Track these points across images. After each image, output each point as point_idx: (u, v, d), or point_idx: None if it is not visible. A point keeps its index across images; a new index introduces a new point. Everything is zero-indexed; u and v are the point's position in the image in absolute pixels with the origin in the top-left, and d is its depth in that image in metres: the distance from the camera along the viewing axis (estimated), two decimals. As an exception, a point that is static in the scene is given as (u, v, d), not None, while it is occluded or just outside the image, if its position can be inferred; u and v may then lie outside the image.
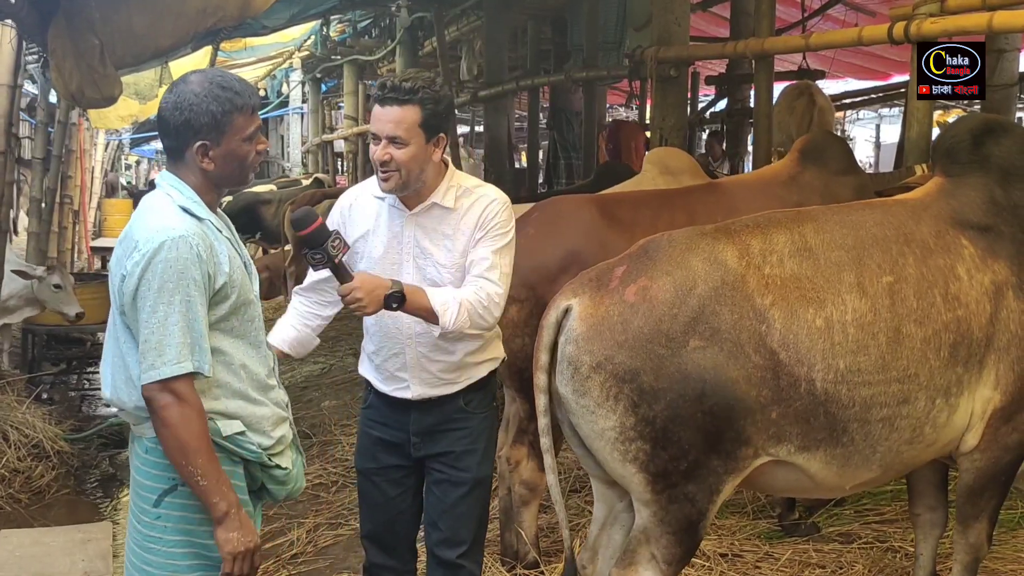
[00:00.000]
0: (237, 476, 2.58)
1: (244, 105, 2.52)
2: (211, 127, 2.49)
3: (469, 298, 2.93)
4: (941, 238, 3.09)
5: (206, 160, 2.53)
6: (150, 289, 2.40)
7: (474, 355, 3.10)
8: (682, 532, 2.91)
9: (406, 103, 2.88)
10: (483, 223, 3.00)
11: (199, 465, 2.41)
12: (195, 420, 2.42)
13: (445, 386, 3.09)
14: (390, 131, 2.89)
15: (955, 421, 3.02)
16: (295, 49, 14.42)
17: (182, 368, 2.40)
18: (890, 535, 4.23)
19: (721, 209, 3.92)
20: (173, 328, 2.39)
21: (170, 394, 2.40)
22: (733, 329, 2.83)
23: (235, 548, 2.45)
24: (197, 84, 2.52)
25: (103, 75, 5.33)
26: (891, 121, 22.35)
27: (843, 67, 13.32)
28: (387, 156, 2.91)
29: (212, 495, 2.43)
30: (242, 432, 2.57)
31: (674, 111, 7.22)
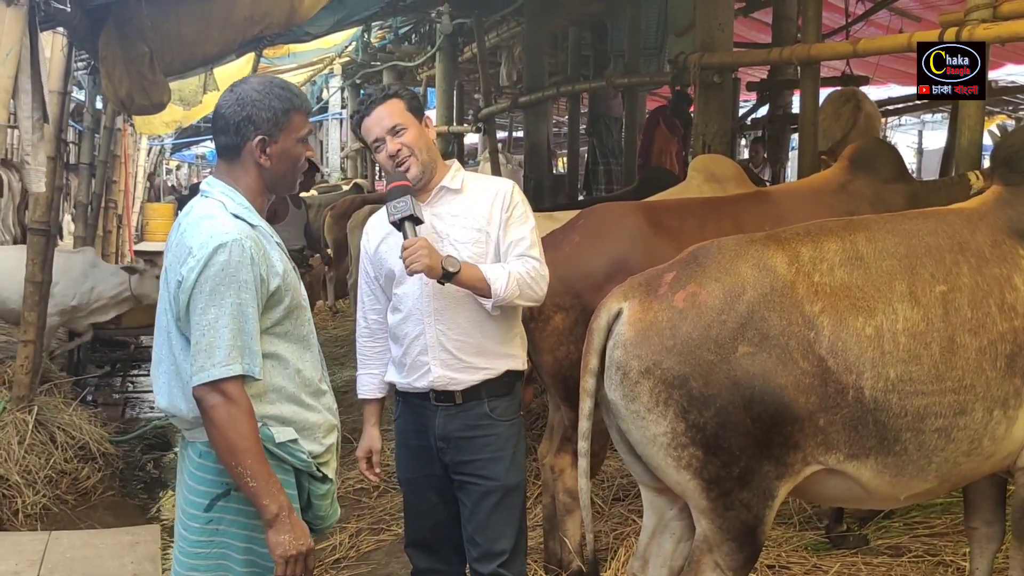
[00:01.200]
0: (289, 485, 2.59)
1: (302, 105, 2.62)
2: (272, 123, 2.56)
3: (518, 270, 3.10)
4: (998, 247, 3.04)
5: (264, 156, 2.57)
6: (202, 292, 2.44)
7: (493, 341, 3.16)
8: (742, 538, 2.91)
9: (386, 100, 3.13)
10: (507, 205, 3.17)
11: (248, 466, 2.42)
12: (244, 421, 2.43)
13: (465, 371, 3.14)
14: (388, 123, 3.10)
15: (1014, 434, 2.97)
16: (336, 55, 14.52)
17: (231, 370, 2.41)
18: (941, 548, 4.16)
19: (769, 218, 3.89)
20: (223, 330, 2.42)
21: (220, 395, 2.42)
22: (782, 335, 2.82)
23: (287, 551, 2.45)
24: (258, 83, 2.60)
25: (152, 82, 5.40)
26: (933, 127, 22.10)
27: (886, 73, 13.17)
28: (398, 145, 3.09)
29: (262, 496, 2.43)
30: (294, 440, 2.58)
31: (717, 117, 7.16)
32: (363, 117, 3.15)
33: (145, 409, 8.88)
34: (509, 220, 3.16)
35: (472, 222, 3.15)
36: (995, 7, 4.79)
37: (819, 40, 6.24)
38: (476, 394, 3.17)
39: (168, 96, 5.64)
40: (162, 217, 20.68)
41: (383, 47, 14.91)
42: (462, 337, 3.13)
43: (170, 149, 28.30)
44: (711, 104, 7.13)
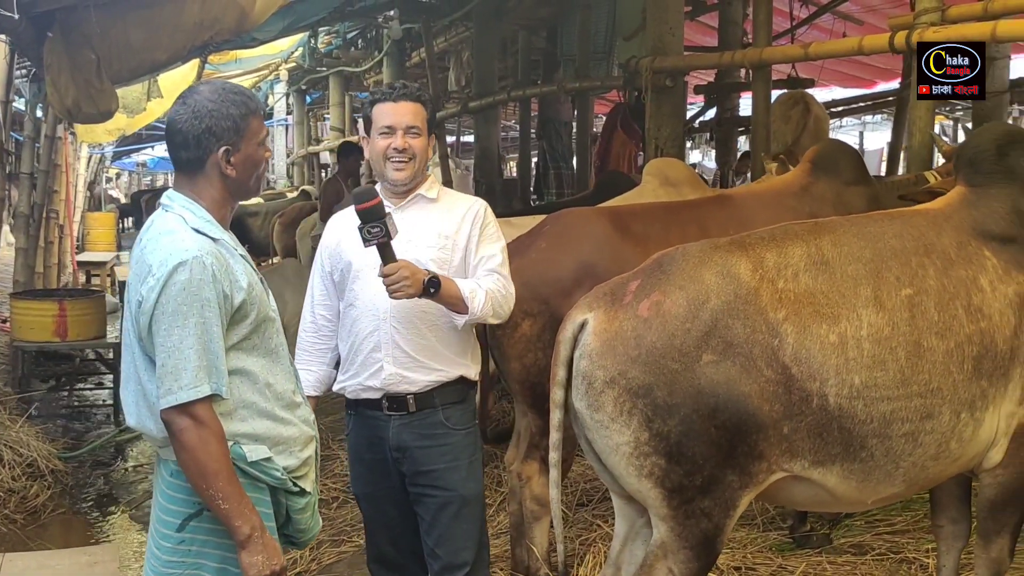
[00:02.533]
0: (264, 504, 2.54)
1: (257, 108, 2.58)
2: (233, 131, 2.50)
3: (492, 288, 3.11)
4: (963, 249, 3.05)
5: (229, 167, 2.52)
6: (164, 312, 2.39)
7: (447, 347, 3.14)
8: (699, 547, 2.89)
9: (417, 100, 3.12)
10: (481, 221, 3.18)
11: (219, 488, 2.38)
12: (214, 443, 2.38)
13: (419, 370, 3.10)
14: (409, 121, 3.08)
15: (980, 436, 2.98)
16: (282, 61, 14.38)
17: (199, 392, 2.37)
18: (903, 546, 4.21)
19: (733, 221, 3.90)
20: (188, 351, 2.37)
21: (188, 417, 2.37)
22: (746, 343, 2.81)
23: (260, 572, 2.41)
24: (210, 92, 2.53)
25: (99, 90, 5.28)
26: (874, 128, 22.53)
27: (829, 75, 13.38)
28: (406, 144, 3.06)
29: (234, 518, 2.39)
30: (268, 458, 2.53)
31: (670, 121, 7.21)
32: (385, 100, 3.10)
33: (93, 423, 8.69)
34: (481, 237, 3.16)
35: (440, 228, 3.14)
36: (943, 11, 4.89)
37: (769, 44, 6.31)
38: (430, 401, 3.13)
39: (116, 104, 5.52)
40: (104, 226, 20.25)
41: (329, 52, 14.79)
42: (417, 337, 3.10)
43: (111, 157, 27.78)
44: (663, 108, 7.18)
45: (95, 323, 8.49)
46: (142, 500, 6.39)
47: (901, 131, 9.51)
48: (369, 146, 3.17)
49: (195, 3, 5.41)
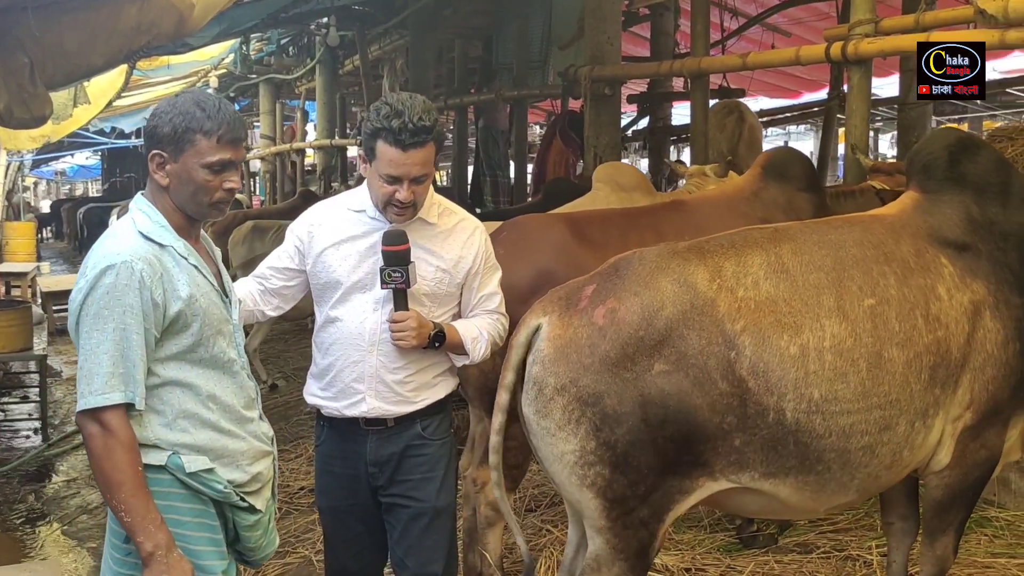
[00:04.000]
0: (209, 516, 2.49)
1: (210, 130, 2.41)
2: (170, 139, 2.41)
3: (491, 331, 3.09)
4: (921, 257, 3.05)
5: (160, 173, 2.45)
6: (87, 315, 2.34)
7: (431, 374, 3.06)
8: (635, 558, 2.86)
9: (427, 143, 2.85)
10: (483, 256, 3.08)
11: (122, 499, 2.30)
12: (119, 452, 2.30)
13: (400, 404, 3.02)
14: (417, 172, 2.86)
15: (929, 441, 3.01)
16: (212, 68, 14.17)
17: (108, 399, 2.30)
18: (847, 544, 4.30)
19: (688, 227, 3.95)
20: (103, 357, 2.31)
21: (97, 424, 2.31)
22: (700, 355, 2.76)
23: None
24: (180, 98, 2.47)
25: (33, 94, 5.14)
26: (799, 137, 23.02)
27: (758, 86, 13.64)
28: (412, 197, 2.89)
29: (137, 533, 2.31)
30: (209, 469, 2.47)
31: (608, 129, 7.33)
32: (395, 146, 2.81)
33: (19, 438, 8.43)
34: (484, 269, 3.08)
35: (438, 262, 3.02)
36: (876, 23, 5.04)
37: (707, 54, 6.43)
38: (409, 418, 3.05)
39: (50, 109, 5.38)
40: (23, 236, 19.70)
41: (260, 59, 14.63)
42: (403, 372, 3.00)
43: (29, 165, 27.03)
44: (602, 116, 7.29)
45: (21, 335, 8.25)
46: (75, 516, 6.24)
47: (829, 140, 9.77)
48: (368, 176, 2.95)
49: (132, 7, 5.30)
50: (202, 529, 2.48)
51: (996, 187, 3.23)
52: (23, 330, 8.29)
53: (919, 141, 4.38)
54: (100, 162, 36.46)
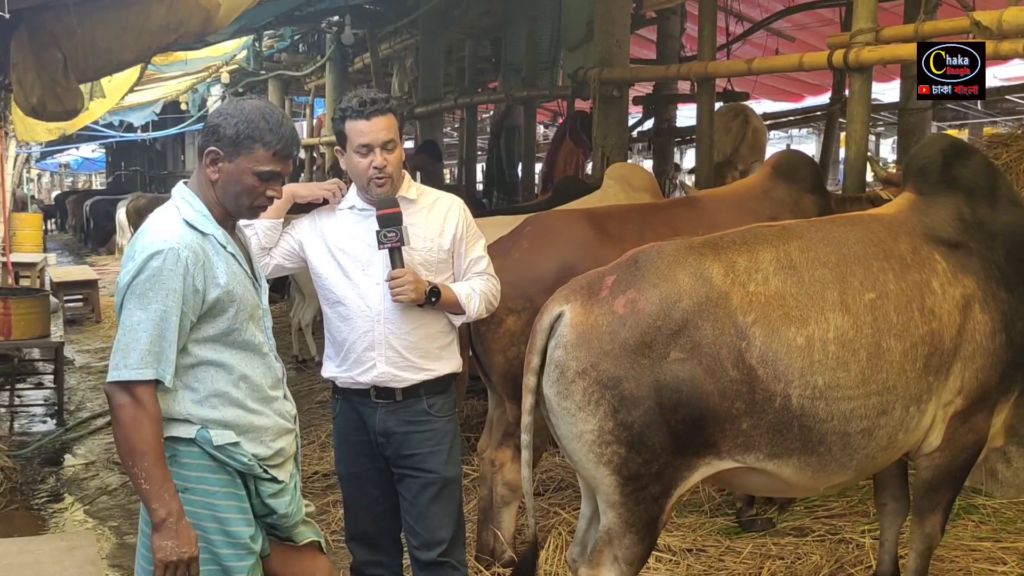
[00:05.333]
0: (236, 486, 2.66)
1: (269, 142, 2.61)
2: (231, 141, 2.60)
3: (483, 289, 3.34)
4: (917, 253, 3.27)
5: (212, 168, 2.63)
6: (133, 294, 2.52)
7: (435, 344, 3.31)
8: (644, 531, 3.08)
9: (388, 112, 3.20)
10: (462, 222, 3.36)
11: (144, 468, 2.46)
12: (147, 425, 2.47)
13: (409, 369, 3.26)
14: (385, 137, 3.18)
15: (922, 424, 3.23)
16: (223, 64, 14.36)
17: (142, 374, 2.47)
18: (841, 528, 4.52)
19: (702, 222, 4.16)
20: (143, 334, 2.48)
21: (128, 396, 2.47)
22: (713, 345, 2.98)
23: (167, 556, 2.48)
24: (249, 106, 2.65)
25: (66, 88, 5.35)
26: (800, 141, 23.23)
27: (762, 89, 13.87)
28: (386, 162, 3.19)
29: (152, 500, 2.47)
30: (235, 443, 2.64)
31: (616, 130, 7.53)
32: (358, 118, 3.16)
33: (36, 423, 8.63)
34: (467, 237, 3.35)
35: (425, 231, 3.29)
36: (877, 31, 5.24)
37: (713, 58, 6.63)
38: (415, 391, 3.28)
39: (82, 103, 5.59)
40: (31, 227, 19.79)
41: (271, 56, 14.81)
42: (409, 337, 3.25)
43: (36, 157, 27.21)
44: (610, 117, 7.49)
45: (39, 322, 8.45)
46: (95, 496, 6.44)
47: (831, 144, 9.96)
48: (346, 161, 3.26)
49: (161, 6, 5.50)
50: (230, 498, 2.65)
51: (985, 190, 3.47)
52: (41, 317, 8.48)
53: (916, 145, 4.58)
54: (105, 155, 36.69)
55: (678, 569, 4.21)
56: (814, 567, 4.08)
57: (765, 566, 4.14)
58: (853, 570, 4.02)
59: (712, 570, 4.19)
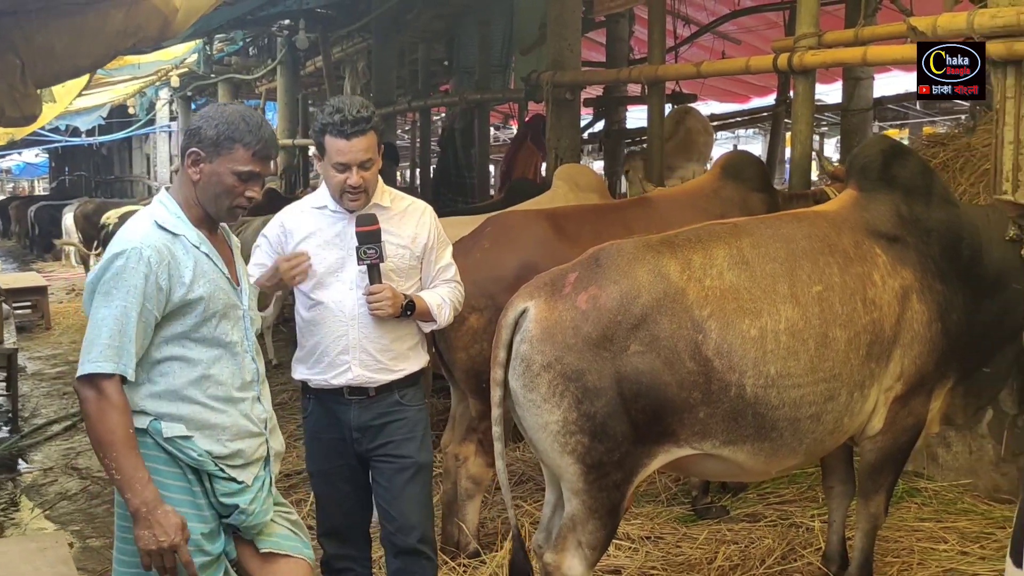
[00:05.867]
0: (186, 480, 2.69)
1: (249, 142, 2.70)
2: (211, 142, 2.69)
3: (451, 298, 3.45)
4: (859, 247, 3.45)
5: (194, 169, 2.71)
6: (98, 293, 2.61)
7: (406, 345, 3.41)
8: (606, 517, 3.22)
9: (368, 131, 3.23)
10: (435, 232, 3.44)
11: (113, 459, 2.53)
12: (113, 416, 2.54)
13: (381, 372, 3.35)
14: (363, 157, 3.23)
15: (866, 409, 3.41)
16: (173, 67, 14.28)
17: (101, 367, 2.54)
18: (791, 513, 4.70)
19: (654, 221, 4.31)
20: (104, 329, 2.56)
21: (93, 389, 2.55)
22: (671, 338, 3.13)
23: (147, 545, 2.53)
24: (230, 110, 2.75)
25: (24, 94, 5.34)
26: (747, 140, 23.64)
27: (709, 91, 14.13)
28: (361, 181, 3.25)
29: (125, 490, 2.53)
30: (186, 436, 2.68)
31: (568, 132, 7.69)
32: (338, 137, 3.20)
33: (-11, 429, 8.56)
34: (437, 244, 3.44)
35: (397, 239, 3.35)
36: (819, 36, 5.44)
37: (663, 61, 6.80)
38: (388, 388, 3.37)
39: (40, 108, 5.59)
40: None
41: (221, 59, 14.77)
42: (382, 341, 3.33)
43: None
44: (562, 119, 7.65)
45: (-28, 327, 8.39)
46: (55, 502, 6.43)
47: (776, 144, 10.22)
48: (322, 168, 3.35)
49: (119, 11, 5.51)
50: (182, 492, 2.69)
51: (921, 189, 3.67)
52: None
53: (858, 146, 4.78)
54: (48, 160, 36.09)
55: (637, 556, 4.35)
56: (767, 550, 4.24)
57: (720, 551, 4.30)
58: (804, 552, 4.19)
59: (670, 556, 4.34)
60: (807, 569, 4.07)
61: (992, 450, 4.63)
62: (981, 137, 5.99)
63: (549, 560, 3.29)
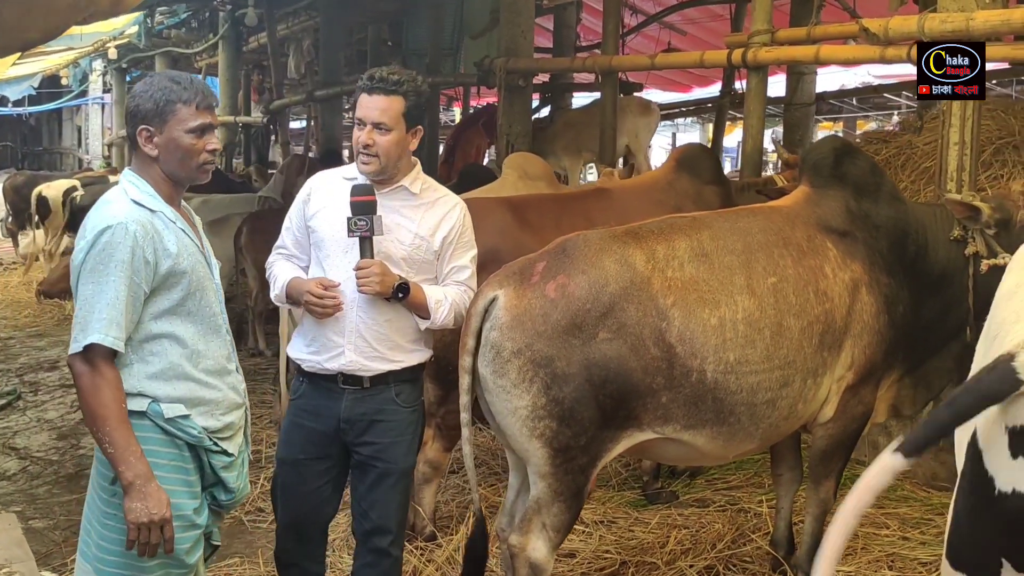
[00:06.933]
0: (184, 459, 2.73)
1: (188, 99, 2.71)
2: (154, 113, 2.69)
3: (456, 299, 3.28)
4: (811, 241, 3.59)
5: (149, 145, 2.71)
6: (85, 270, 2.61)
7: (407, 338, 3.28)
8: (571, 499, 3.29)
9: (392, 93, 3.13)
10: (459, 230, 3.30)
11: (106, 432, 2.55)
12: (106, 389, 2.56)
13: (377, 360, 3.21)
14: (376, 117, 3.13)
15: (819, 397, 3.55)
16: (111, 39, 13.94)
17: (90, 339, 2.55)
18: (739, 499, 4.84)
19: (613, 211, 4.40)
20: (96, 304, 2.57)
21: (86, 364, 2.57)
22: (637, 325, 3.22)
23: (138, 518, 2.55)
24: (156, 77, 2.75)
25: (-29, 66, 5.22)
26: (685, 129, 23.94)
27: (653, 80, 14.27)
28: (371, 140, 3.14)
29: (118, 463, 2.56)
30: (185, 416, 2.71)
31: (521, 119, 7.74)
32: (363, 91, 3.16)
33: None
34: (458, 244, 3.29)
35: (418, 228, 3.23)
36: (772, 33, 5.58)
37: (617, 51, 6.88)
38: (383, 379, 3.23)
39: (-13, 81, 5.45)
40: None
41: (160, 32, 14.47)
42: (380, 329, 3.20)
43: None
44: (515, 106, 7.69)
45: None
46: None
47: (720, 134, 10.39)
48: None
49: (71, -16, 5.42)
50: (176, 471, 2.71)
51: (871, 186, 3.83)
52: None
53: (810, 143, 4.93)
54: (-28, 129, 35.01)
55: (591, 539, 4.45)
56: (717, 535, 4.37)
57: (672, 535, 4.41)
58: (753, 535, 4.33)
59: (623, 540, 4.44)
60: (756, 553, 4.20)
61: (931, 439, 4.81)
62: (923, 136, 6.20)
63: (514, 542, 3.35)
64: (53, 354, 9.16)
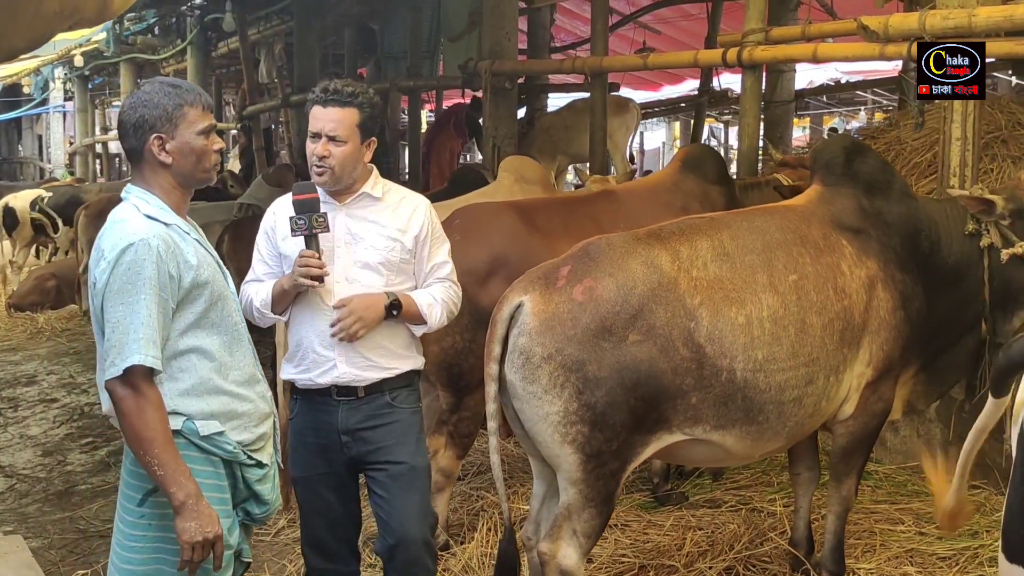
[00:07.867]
0: (218, 476, 2.69)
1: (195, 100, 2.70)
2: (164, 119, 2.65)
3: (444, 298, 3.28)
4: (827, 239, 3.60)
5: (164, 153, 2.67)
6: (112, 291, 2.54)
7: (398, 344, 3.25)
8: (602, 505, 3.27)
9: (347, 105, 3.13)
10: (429, 226, 3.28)
11: (155, 455, 2.51)
12: (150, 411, 2.52)
13: (370, 369, 3.19)
14: (331, 129, 3.13)
15: (840, 393, 3.56)
16: (78, 46, 13.70)
17: (133, 360, 2.50)
18: (750, 498, 4.83)
19: (620, 214, 4.38)
20: (130, 326, 2.52)
21: (128, 387, 2.51)
22: (666, 326, 3.21)
23: (192, 537, 2.52)
24: (149, 86, 2.71)
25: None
26: (652, 128, 24.01)
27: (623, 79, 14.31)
28: (327, 152, 3.13)
29: (169, 484, 2.53)
30: (220, 432, 2.68)
31: (506, 121, 7.71)
32: (316, 103, 3.14)
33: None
34: (432, 241, 3.28)
35: (387, 230, 3.22)
36: (767, 31, 5.59)
37: (606, 53, 6.87)
38: (378, 387, 3.21)
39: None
40: None
41: (127, 38, 14.25)
42: (372, 337, 3.17)
43: None
44: (501, 109, 7.66)
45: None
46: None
47: (699, 134, 10.43)
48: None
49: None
50: (211, 489, 2.66)
51: (882, 184, 3.86)
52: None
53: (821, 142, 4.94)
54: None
55: (607, 544, 4.41)
56: (733, 535, 4.35)
57: (688, 537, 4.38)
58: (770, 535, 4.32)
59: (638, 543, 4.41)
60: (775, 553, 4.19)
61: (940, 434, 4.85)
62: (910, 131, 6.25)
63: (544, 549, 3.32)
64: (29, 368, 8.98)
